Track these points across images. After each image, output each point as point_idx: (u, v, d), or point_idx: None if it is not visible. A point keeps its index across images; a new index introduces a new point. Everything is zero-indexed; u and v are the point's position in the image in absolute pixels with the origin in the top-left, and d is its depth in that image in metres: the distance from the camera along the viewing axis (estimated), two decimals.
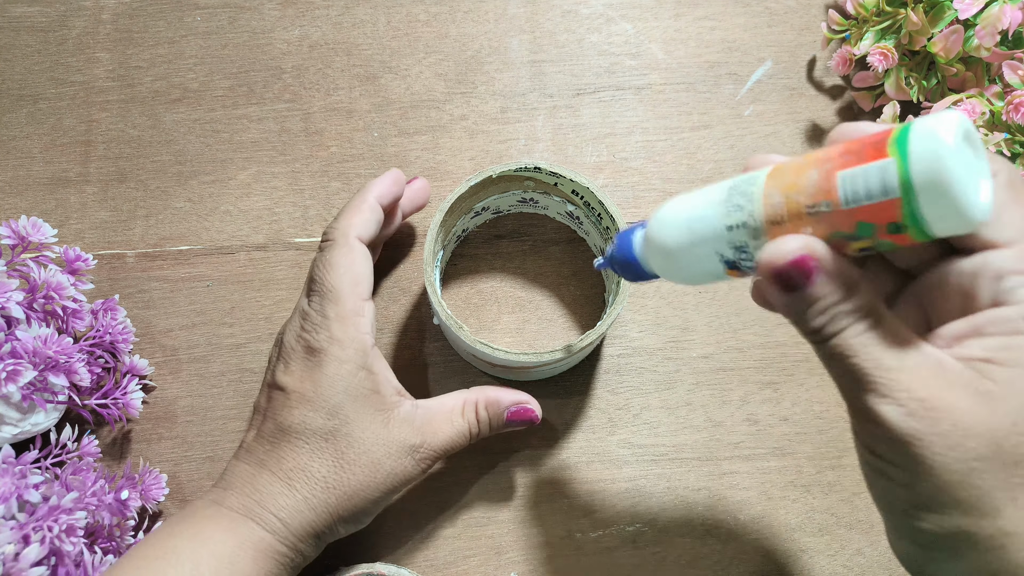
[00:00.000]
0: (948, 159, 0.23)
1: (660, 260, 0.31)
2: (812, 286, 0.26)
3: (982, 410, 0.25)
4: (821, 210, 0.25)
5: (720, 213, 0.28)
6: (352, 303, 0.38)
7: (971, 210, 0.23)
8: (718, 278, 0.30)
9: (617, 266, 0.35)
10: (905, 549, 0.29)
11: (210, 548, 0.35)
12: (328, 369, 0.37)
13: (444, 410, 0.40)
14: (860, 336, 0.26)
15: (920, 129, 0.23)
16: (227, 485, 0.38)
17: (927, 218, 0.24)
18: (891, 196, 0.24)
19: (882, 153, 0.24)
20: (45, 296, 0.40)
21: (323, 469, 0.37)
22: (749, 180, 0.28)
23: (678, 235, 0.30)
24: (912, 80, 0.48)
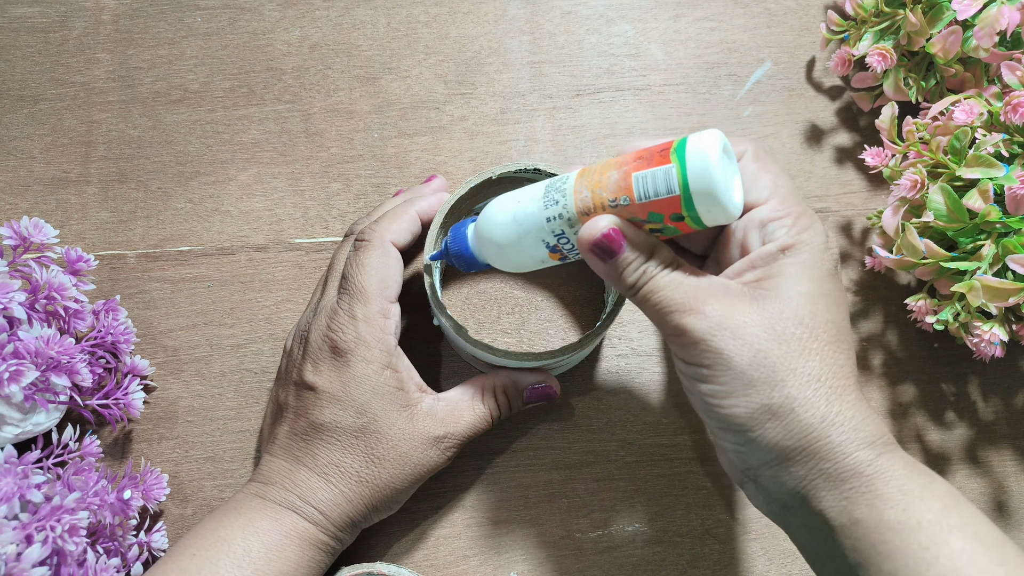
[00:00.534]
0: (714, 172, 0.30)
1: (492, 251, 0.37)
2: (622, 252, 0.33)
3: (757, 307, 0.32)
4: (620, 203, 0.33)
5: (540, 208, 0.35)
6: (379, 304, 0.40)
7: (731, 208, 0.32)
8: (543, 263, 0.37)
9: (452, 258, 0.40)
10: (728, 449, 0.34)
11: (258, 537, 0.38)
12: (355, 369, 0.39)
13: (465, 399, 0.42)
14: (665, 278, 0.33)
15: (693, 146, 0.31)
16: (266, 480, 0.40)
17: (700, 214, 0.32)
18: (673, 194, 0.31)
19: (666, 160, 0.31)
20: (47, 297, 0.40)
21: (355, 464, 0.39)
22: (561, 180, 0.35)
23: (506, 229, 0.36)
24: (911, 81, 0.48)
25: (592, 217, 0.33)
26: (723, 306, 0.32)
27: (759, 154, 0.35)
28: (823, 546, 0.32)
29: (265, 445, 0.42)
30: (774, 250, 0.33)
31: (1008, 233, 0.40)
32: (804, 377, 0.31)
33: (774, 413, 0.31)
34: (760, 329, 0.31)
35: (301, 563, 0.38)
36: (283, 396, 0.42)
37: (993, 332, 0.40)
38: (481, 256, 0.39)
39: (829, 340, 0.32)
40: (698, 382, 0.33)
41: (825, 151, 0.52)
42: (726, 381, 0.32)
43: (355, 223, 0.46)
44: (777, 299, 0.32)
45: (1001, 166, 0.40)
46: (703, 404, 0.33)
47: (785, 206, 0.34)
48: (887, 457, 0.31)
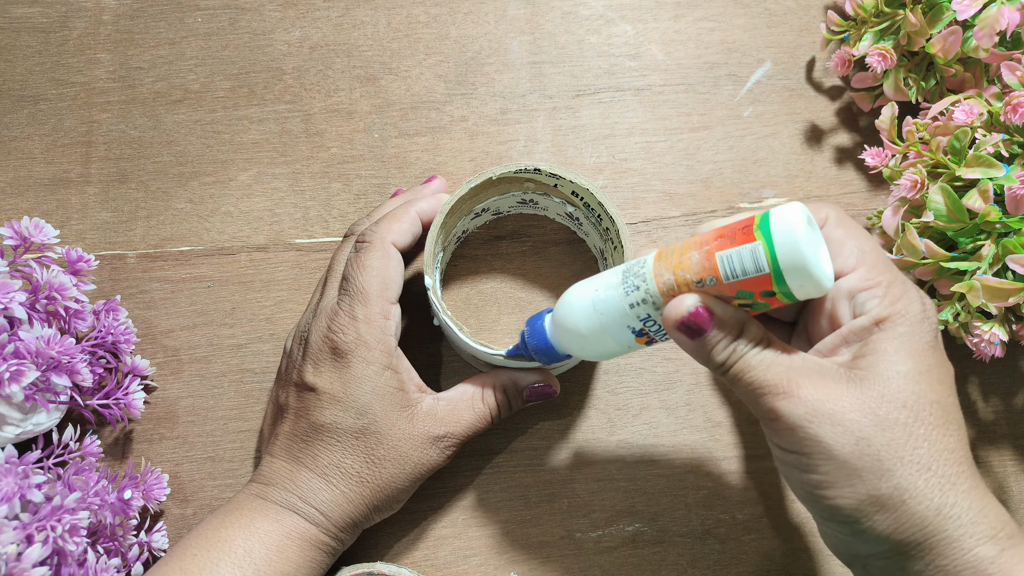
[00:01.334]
0: (803, 246, 0.30)
1: (575, 342, 0.37)
2: (710, 330, 0.32)
3: (856, 391, 0.31)
4: (707, 283, 0.32)
5: (620, 295, 0.34)
6: (380, 306, 0.40)
7: (823, 280, 0.31)
8: (630, 348, 0.36)
9: (532, 352, 0.39)
10: (832, 535, 0.33)
11: (259, 538, 0.38)
12: (356, 370, 0.39)
13: (465, 399, 0.42)
14: (756, 357, 0.32)
15: (777, 221, 0.30)
16: (267, 480, 0.40)
17: (792, 289, 0.31)
18: (763, 272, 0.31)
19: (750, 237, 0.31)
20: (47, 297, 0.40)
21: (356, 465, 0.39)
22: (638, 264, 0.34)
23: (588, 320, 0.35)
24: (911, 81, 0.48)
25: None
26: (818, 389, 0.31)
27: (842, 219, 0.34)
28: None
29: (265, 446, 0.42)
30: (867, 324, 0.32)
31: (1008, 233, 0.40)
32: (913, 466, 0.30)
33: (883, 505, 0.30)
34: (860, 415, 0.30)
35: (302, 563, 0.38)
36: (283, 397, 0.42)
37: (993, 332, 0.40)
38: (562, 348, 0.38)
39: (936, 423, 0.30)
40: (798, 470, 0.32)
41: (825, 151, 0.52)
42: (828, 471, 0.30)
43: (355, 224, 0.46)
44: (876, 381, 0.31)
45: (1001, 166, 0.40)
46: (805, 494, 0.32)
47: (874, 274, 0.32)
48: (1011, 553, 0.29)
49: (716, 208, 0.50)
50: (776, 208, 0.31)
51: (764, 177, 0.51)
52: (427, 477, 0.42)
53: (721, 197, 0.50)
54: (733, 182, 0.51)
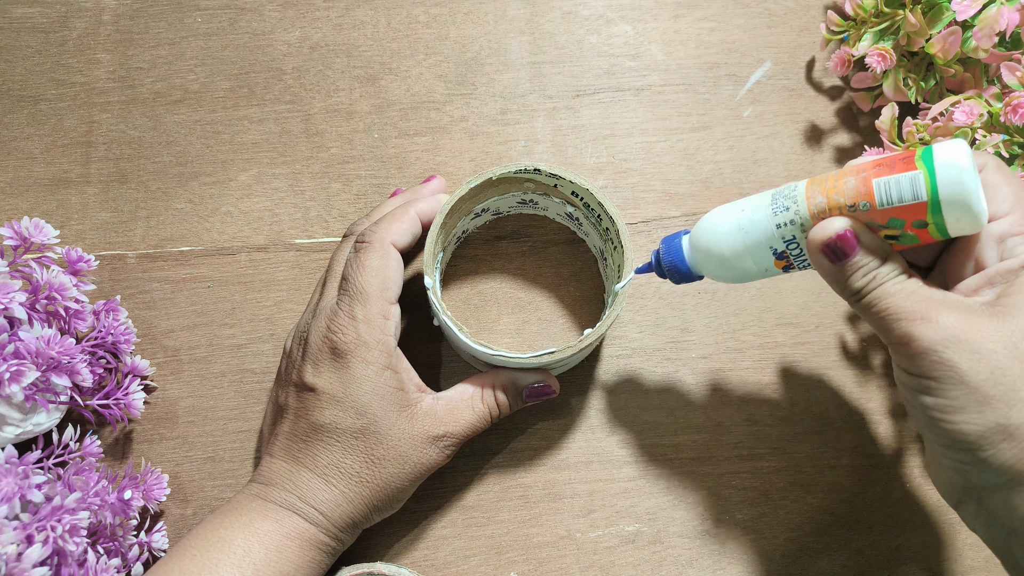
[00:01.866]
0: (967, 181, 0.30)
1: (713, 262, 0.37)
2: (855, 254, 0.33)
3: (997, 323, 0.31)
4: (860, 208, 0.32)
5: (768, 215, 0.35)
6: (379, 306, 0.40)
7: (982, 216, 0.31)
8: (767, 272, 0.37)
9: (666, 271, 0.40)
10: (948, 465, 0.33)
11: (259, 538, 0.38)
12: (355, 371, 0.39)
13: (464, 398, 0.42)
14: (896, 284, 0.32)
15: (942, 153, 0.31)
16: (267, 481, 0.40)
17: (947, 222, 0.31)
18: (920, 200, 0.31)
19: (911, 166, 0.31)
20: (47, 297, 0.40)
21: (356, 465, 0.39)
22: (790, 188, 0.35)
23: (731, 239, 0.36)
24: (910, 81, 0.48)
25: None
26: (958, 318, 0.31)
27: (1001, 167, 0.34)
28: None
29: (265, 446, 0.42)
30: (1016, 266, 0.32)
31: None
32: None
33: (1011, 434, 0.30)
34: (999, 345, 0.30)
35: (301, 564, 0.38)
36: (283, 397, 0.42)
37: None
38: (697, 268, 0.39)
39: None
40: (922, 394, 0.32)
41: (825, 151, 0.52)
42: (956, 396, 0.30)
43: (354, 224, 0.46)
44: (1019, 316, 0.31)
45: None
46: (926, 418, 0.32)
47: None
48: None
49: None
50: (940, 143, 0.31)
51: (764, 177, 0.51)
52: (427, 477, 0.42)
53: (721, 197, 0.50)
54: (733, 182, 0.51)
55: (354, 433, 0.39)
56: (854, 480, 0.46)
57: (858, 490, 0.46)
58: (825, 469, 0.47)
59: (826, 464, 0.47)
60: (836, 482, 0.46)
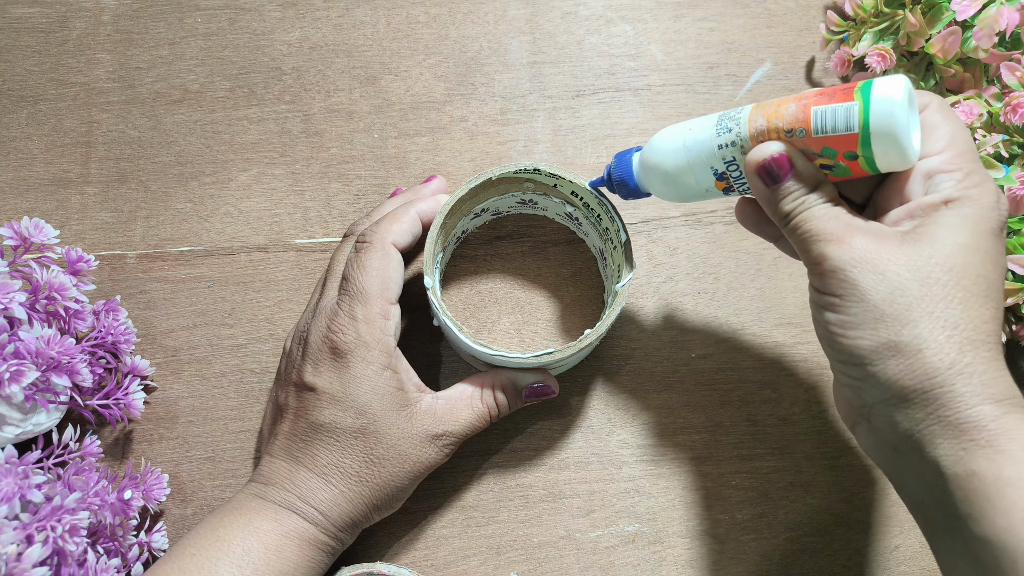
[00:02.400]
0: (898, 116, 0.31)
1: (658, 178, 0.38)
2: (787, 178, 0.34)
3: (906, 248, 0.32)
4: (796, 134, 0.33)
5: (712, 135, 0.35)
6: (379, 306, 0.40)
7: (909, 152, 0.32)
8: (708, 192, 0.37)
9: (615, 185, 0.41)
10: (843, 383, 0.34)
11: (258, 537, 0.38)
12: (355, 370, 0.39)
13: (463, 398, 0.42)
14: (821, 208, 0.33)
15: (879, 87, 0.31)
16: (266, 480, 0.40)
17: (876, 156, 0.32)
18: (852, 131, 0.32)
19: (849, 98, 0.32)
20: (47, 297, 0.40)
21: (355, 465, 0.39)
22: (735, 111, 0.35)
23: (675, 156, 0.37)
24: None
25: None
26: (870, 241, 0.32)
27: (943, 106, 0.34)
28: (931, 495, 0.31)
29: (265, 446, 0.43)
30: (936, 201, 0.32)
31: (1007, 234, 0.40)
32: (939, 321, 0.30)
33: (899, 350, 0.31)
34: (903, 268, 0.31)
35: (301, 563, 0.38)
36: (283, 397, 0.42)
37: None
38: (644, 184, 0.40)
39: (977, 293, 0.31)
40: (826, 311, 0.33)
41: None
42: (856, 312, 0.32)
43: (354, 223, 0.46)
44: (929, 243, 0.31)
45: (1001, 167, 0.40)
46: (827, 334, 0.33)
47: (959, 160, 0.33)
48: (1014, 416, 0.30)
49: (716, 208, 0.50)
50: (881, 78, 0.32)
51: None
52: (426, 475, 0.42)
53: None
54: None
55: (354, 433, 0.39)
56: (854, 480, 0.46)
57: (858, 490, 0.46)
58: (824, 469, 0.47)
59: (825, 464, 0.47)
60: (836, 482, 0.46)
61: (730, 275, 0.49)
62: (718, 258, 0.50)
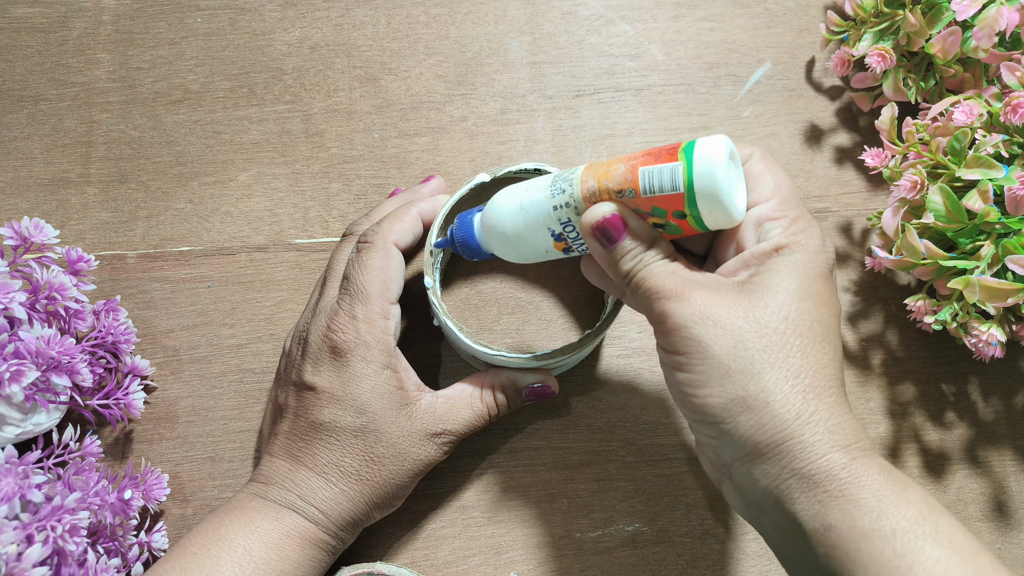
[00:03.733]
0: (719, 175, 0.31)
1: (498, 239, 0.38)
2: (622, 239, 0.34)
3: (744, 300, 0.32)
4: (626, 195, 0.33)
5: (546, 196, 0.36)
6: (380, 305, 0.40)
7: (733, 211, 0.32)
8: (548, 252, 0.37)
9: (457, 245, 0.40)
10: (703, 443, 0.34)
11: (259, 536, 0.38)
12: (355, 369, 0.39)
13: (463, 397, 0.42)
14: (659, 266, 0.34)
15: (701, 148, 0.32)
16: (267, 480, 0.40)
17: (702, 214, 0.32)
18: (678, 191, 0.32)
19: (673, 158, 0.32)
20: (47, 297, 0.40)
21: (355, 463, 0.40)
22: (569, 172, 0.36)
23: (512, 217, 0.37)
24: (910, 81, 0.48)
25: None
26: (709, 295, 0.32)
27: (765, 156, 0.35)
28: (796, 550, 0.31)
29: (265, 445, 0.43)
30: (768, 248, 0.33)
31: (1007, 234, 0.41)
32: (782, 372, 0.31)
33: (748, 405, 0.31)
34: (742, 320, 0.31)
35: (302, 562, 0.39)
36: (283, 397, 0.42)
37: (991, 333, 0.40)
38: (486, 245, 0.39)
39: (813, 339, 0.32)
40: (675, 371, 0.33)
41: (825, 151, 0.52)
42: (702, 370, 0.31)
43: (353, 223, 0.46)
44: (764, 293, 0.32)
45: (1001, 167, 0.40)
46: (679, 394, 0.33)
47: (784, 207, 0.34)
48: (862, 462, 0.30)
49: None
50: (703, 137, 0.32)
51: None
52: (426, 473, 0.42)
53: None
54: None
55: (353, 431, 0.39)
56: None
57: None
58: None
59: None
60: None
61: None
62: None
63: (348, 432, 0.39)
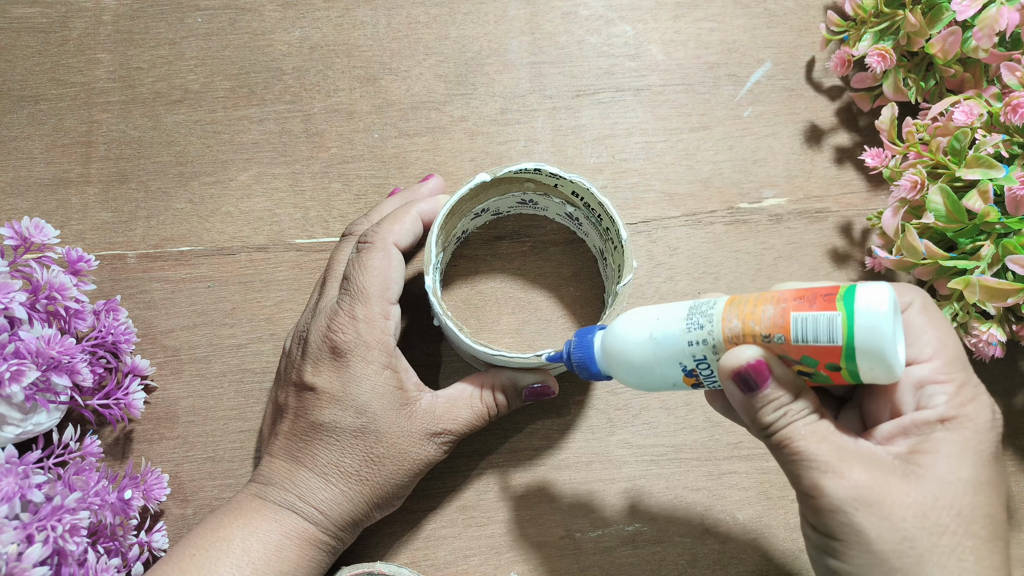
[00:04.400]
0: (885, 331, 0.28)
1: (622, 368, 0.35)
2: (766, 387, 0.31)
3: (909, 487, 0.29)
4: (775, 340, 0.31)
5: (682, 329, 0.33)
6: (380, 306, 0.40)
7: (896, 369, 0.29)
8: (675, 386, 0.35)
9: (574, 366, 0.38)
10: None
11: (258, 537, 0.38)
12: (355, 369, 0.39)
13: (463, 396, 0.42)
14: (808, 427, 0.31)
15: (863, 299, 0.29)
16: (266, 480, 0.40)
17: (861, 371, 0.30)
18: (835, 344, 0.29)
19: (831, 306, 0.29)
20: (48, 297, 0.40)
21: (355, 464, 0.40)
22: (708, 304, 0.33)
23: (642, 348, 0.34)
24: (910, 81, 0.48)
25: None
26: (870, 476, 0.29)
27: (927, 306, 0.32)
28: None
29: (265, 446, 0.43)
30: (932, 419, 0.30)
31: (1007, 234, 0.41)
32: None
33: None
34: (910, 512, 0.28)
35: (301, 563, 0.39)
36: (282, 397, 0.42)
37: (991, 333, 0.40)
38: (606, 369, 0.37)
39: (986, 538, 0.29)
40: (827, 556, 0.30)
41: (825, 151, 0.52)
42: (861, 564, 0.29)
43: (353, 223, 0.46)
44: (932, 482, 0.29)
45: (1001, 167, 0.40)
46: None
47: (949, 370, 0.31)
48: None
49: (716, 208, 0.50)
50: (864, 285, 0.30)
51: (764, 177, 0.51)
52: (425, 473, 0.42)
53: (721, 197, 0.51)
54: (733, 182, 0.51)
55: (353, 432, 0.39)
56: None
57: None
58: None
59: None
60: None
61: (730, 275, 0.49)
62: (718, 258, 0.50)
63: (348, 432, 0.39)
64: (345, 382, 0.39)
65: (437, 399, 0.42)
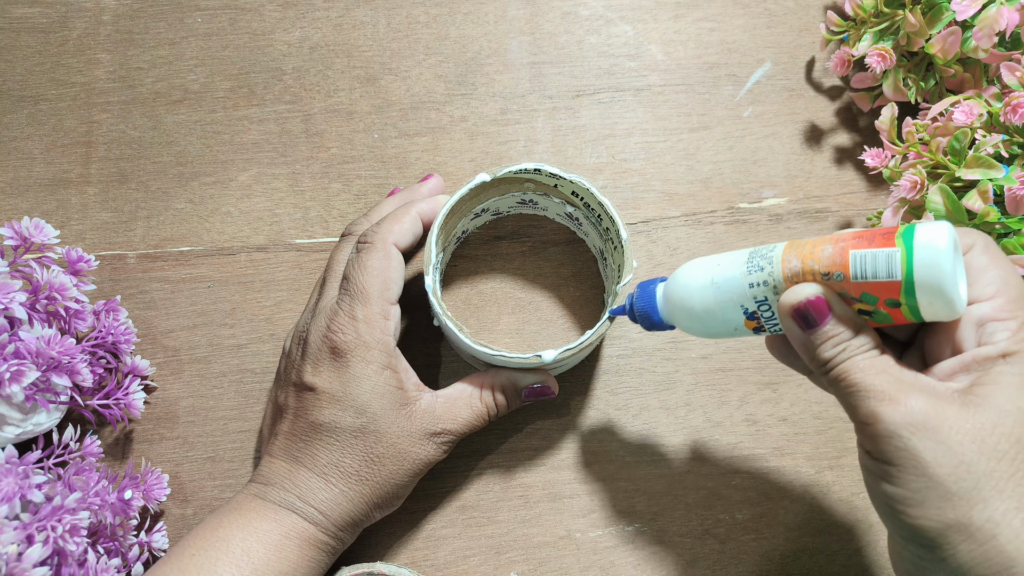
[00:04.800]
0: (944, 266, 0.29)
1: (683, 315, 0.36)
2: (826, 323, 0.31)
3: (967, 414, 0.29)
4: (834, 278, 0.31)
5: (743, 272, 0.34)
6: (380, 306, 0.40)
7: (957, 304, 0.29)
8: (736, 331, 0.35)
9: (637, 317, 0.39)
10: (907, 556, 0.31)
11: (258, 537, 0.38)
12: (355, 369, 0.39)
13: (463, 397, 0.42)
14: (866, 360, 0.31)
15: (923, 234, 0.29)
16: (266, 480, 0.40)
17: (920, 306, 0.30)
18: (894, 279, 0.30)
19: (890, 243, 0.30)
20: (48, 297, 0.40)
21: (355, 463, 0.40)
22: (767, 248, 0.34)
23: (703, 294, 0.35)
24: (910, 81, 0.48)
25: None
26: (927, 403, 0.29)
27: (989, 247, 0.32)
28: None
29: (265, 446, 0.43)
30: (993, 355, 0.30)
31: (1007, 234, 0.41)
32: (1013, 502, 0.28)
33: (971, 534, 0.28)
34: (967, 438, 0.28)
35: (301, 563, 0.39)
36: (282, 397, 0.42)
37: None
38: (669, 319, 0.38)
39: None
40: (883, 482, 0.30)
41: (825, 151, 0.52)
42: (917, 488, 0.29)
43: (352, 223, 0.46)
44: (991, 409, 0.29)
45: (1001, 167, 0.40)
46: (887, 509, 0.31)
47: (1013, 308, 0.31)
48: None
49: (716, 208, 0.50)
50: (924, 223, 0.30)
51: (764, 177, 0.51)
52: (425, 472, 0.42)
53: (721, 197, 0.51)
54: (733, 182, 0.51)
55: (353, 432, 0.39)
56: (853, 480, 0.46)
57: (858, 490, 0.46)
58: (824, 469, 0.47)
59: (825, 464, 0.47)
60: (835, 482, 0.46)
61: None
62: None
63: (348, 432, 0.39)
64: (345, 382, 0.39)
65: (437, 399, 0.42)
